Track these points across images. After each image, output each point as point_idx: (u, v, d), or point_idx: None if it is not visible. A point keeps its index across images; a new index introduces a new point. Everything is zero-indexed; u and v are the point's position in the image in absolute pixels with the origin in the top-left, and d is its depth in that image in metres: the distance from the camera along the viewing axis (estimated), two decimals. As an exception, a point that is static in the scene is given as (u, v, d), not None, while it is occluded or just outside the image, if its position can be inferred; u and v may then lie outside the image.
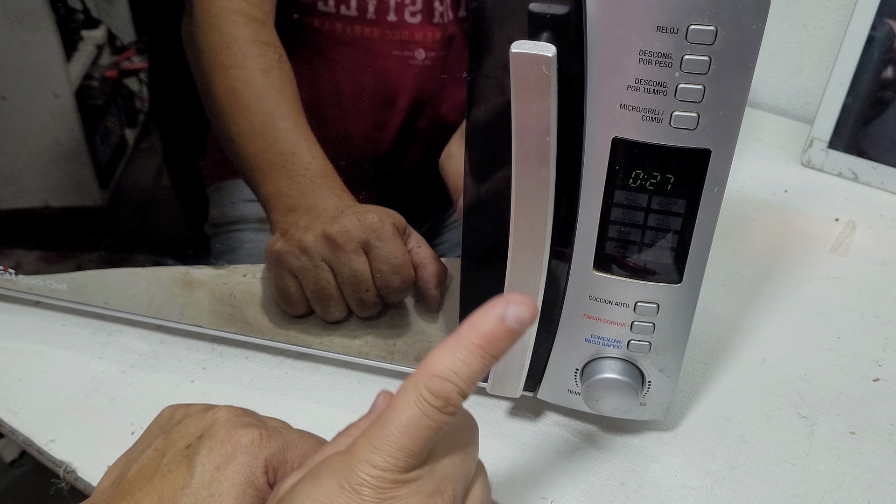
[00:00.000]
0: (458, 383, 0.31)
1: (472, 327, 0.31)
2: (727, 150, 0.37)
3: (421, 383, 0.31)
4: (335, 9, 0.40)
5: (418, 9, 0.39)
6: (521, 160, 0.37)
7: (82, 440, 0.50)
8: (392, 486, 0.31)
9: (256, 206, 0.47)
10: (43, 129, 0.49)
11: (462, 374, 0.30)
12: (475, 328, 0.31)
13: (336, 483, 0.31)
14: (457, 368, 0.30)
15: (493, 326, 0.31)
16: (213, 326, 0.53)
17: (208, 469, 0.38)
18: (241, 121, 0.44)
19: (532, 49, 0.34)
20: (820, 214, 0.72)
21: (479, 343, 0.30)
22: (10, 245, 0.55)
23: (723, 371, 0.56)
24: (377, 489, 0.30)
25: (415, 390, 0.31)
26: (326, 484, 0.31)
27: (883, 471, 0.49)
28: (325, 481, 0.31)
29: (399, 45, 0.40)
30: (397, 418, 0.31)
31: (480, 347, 0.31)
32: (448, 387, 0.30)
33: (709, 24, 0.34)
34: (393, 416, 0.31)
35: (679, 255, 0.41)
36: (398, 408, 0.31)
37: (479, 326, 0.31)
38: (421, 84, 0.41)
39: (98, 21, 0.46)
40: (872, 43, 0.72)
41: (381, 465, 0.30)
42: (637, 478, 0.48)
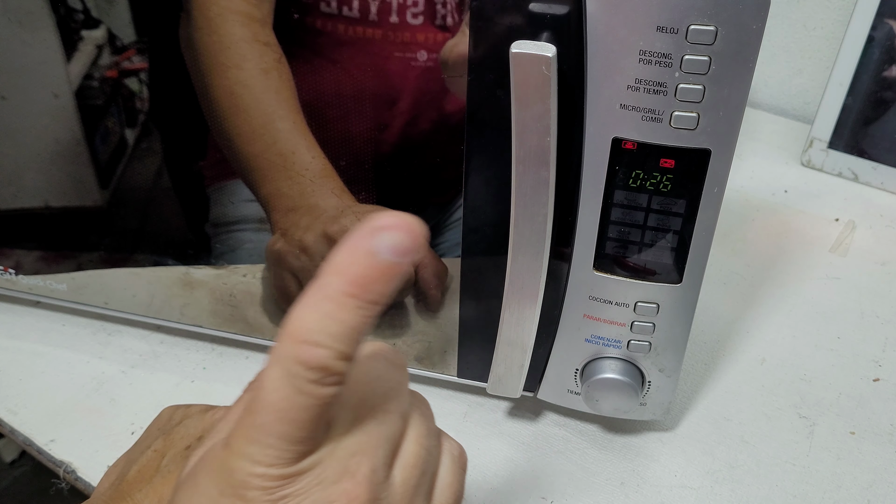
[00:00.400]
0: (333, 345, 0.24)
1: (334, 271, 0.24)
2: (727, 150, 0.37)
3: (287, 354, 0.24)
4: (337, 10, 0.40)
5: (420, 10, 0.39)
6: (521, 160, 0.37)
7: (82, 440, 0.50)
8: (282, 483, 0.25)
9: (257, 207, 0.47)
10: (43, 129, 0.49)
11: (335, 333, 0.24)
12: (339, 272, 0.24)
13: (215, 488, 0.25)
14: (326, 327, 0.24)
15: (363, 266, 0.24)
16: (213, 326, 0.53)
17: (208, 469, 0.38)
18: (241, 122, 0.44)
19: (532, 49, 0.34)
20: (820, 214, 0.72)
21: (349, 290, 0.24)
22: (10, 245, 0.55)
23: (723, 371, 0.56)
24: (264, 490, 0.24)
25: (281, 365, 0.24)
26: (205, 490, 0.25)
27: (883, 471, 0.49)
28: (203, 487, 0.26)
29: (401, 47, 0.40)
30: (267, 402, 0.24)
31: (351, 296, 0.24)
32: (320, 353, 0.24)
33: (709, 24, 0.34)
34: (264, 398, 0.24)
35: (679, 255, 0.41)
36: (267, 388, 0.24)
37: (344, 269, 0.24)
38: (422, 85, 0.41)
39: (98, 21, 0.46)
40: (872, 43, 0.72)
41: (263, 461, 0.25)
42: (637, 478, 0.48)
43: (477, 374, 0.49)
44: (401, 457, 0.28)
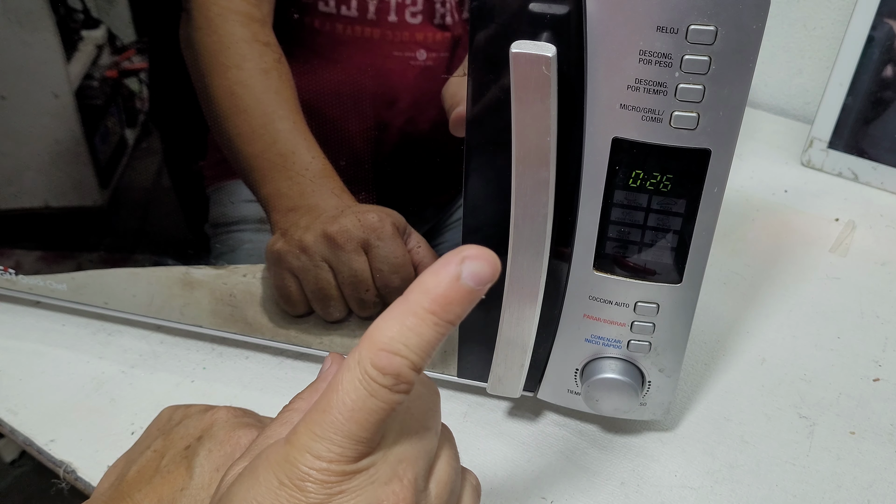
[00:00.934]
0: (409, 356, 0.26)
1: (421, 290, 0.27)
2: (727, 150, 0.37)
3: (366, 359, 0.26)
4: (336, 9, 0.40)
5: (419, 9, 0.39)
6: (521, 160, 0.37)
7: (82, 440, 0.50)
8: (340, 479, 0.27)
9: (256, 207, 0.47)
10: (43, 129, 0.49)
11: (412, 345, 0.26)
12: (425, 291, 0.26)
13: (276, 479, 0.27)
14: (406, 339, 0.26)
15: (447, 288, 0.26)
16: (213, 326, 0.53)
17: (207, 470, 0.38)
18: (241, 122, 0.44)
19: (532, 49, 0.34)
20: (820, 214, 0.72)
21: (431, 308, 0.26)
22: (10, 245, 0.55)
23: (723, 371, 0.56)
24: (323, 483, 0.26)
25: (359, 368, 0.26)
26: (265, 481, 0.27)
27: (883, 471, 0.49)
28: (263, 477, 0.27)
29: (400, 46, 0.40)
30: (341, 401, 0.26)
31: (432, 313, 0.26)
32: (397, 361, 0.26)
33: (709, 24, 0.34)
34: (336, 398, 0.26)
35: (679, 255, 0.41)
36: (342, 389, 0.27)
37: (431, 289, 0.26)
38: (422, 85, 0.41)
39: (98, 21, 0.46)
40: (872, 43, 0.72)
41: (326, 456, 0.26)
42: (637, 478, 0.48)
43: (477, 374, 0.49)
44: (435, 473, 0.30)
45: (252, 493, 0.27)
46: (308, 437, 0.27)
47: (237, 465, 0.31)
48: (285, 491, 0.26)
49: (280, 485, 0.27)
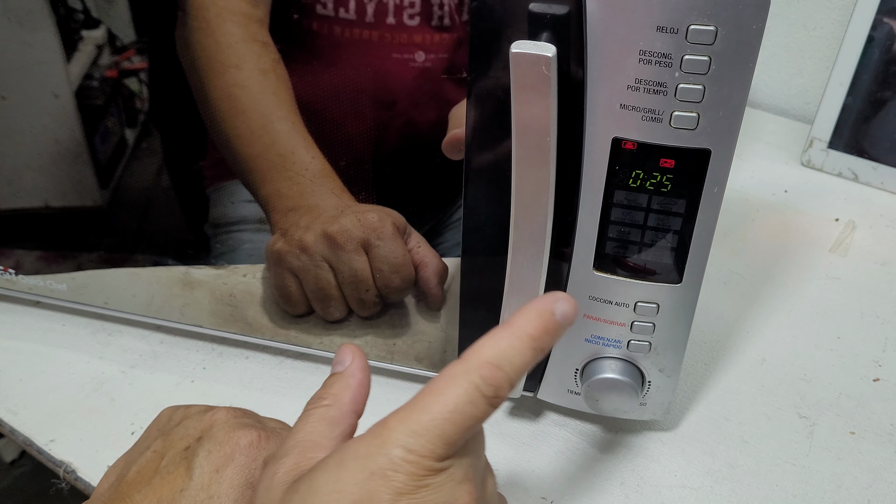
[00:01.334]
0: (510, 373, 0.30)
1: (525, 318, 0.30)
2: (727, 150, 0.37)
3: (474, 370, 0.29)
4: (334, 12, 0.40)
5: (417, 11, 0.39)
6: (521, 160, 0.37)
7: (82, 440, 0.50)
8: (427, 475, 0.29)
9: (256, 207, 0.47)
10: (43, 129, 0.49)
11: (514, 364, 0.30)
12: (528, 319, 0.30)
13: (366, 470, 0.29)
14: (510, 358, 0.30)
15: (546, 319, 0.30)
16: (213, 326, 0.53)
17: (207, 471, 0.38)
18: (239, 124, 0.44)
19: (532, 49, 0.34)
20: (820, 214, 0.72)
21: (533, 334, 0.30)
22: (10, 245, 0.55)
23: (723, 371, 0.56)
24: (412, 476, 0.28)
25: (466, 377, 0.29)
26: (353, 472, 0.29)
27: (883, 471, 0.49)
28: (352, 469, 0.29)
29: (398, 48, 0.40)
30: (442, 403, 0.29)
31: (532, 338, 0.30)
32: (500, 375, 0.29)
33: (709, 24, 0.34)
34: (437, 400, 0.29)
35: (679, 255, 0.41)
36: (444, 392, 0.29)
37: (532, 318, 0.30)
38: (421, 86, 0.41)
39: (98, 21, 0.46)
40: (872, 43, 0.72)
41: (419, 452, 0.29)
42: (637, 478, 0.48)
43: (477, 374, 0.49)
44: (486, 487, 0.34)
45: (340, 485, 0.28)
46: (404, 433, 0.29)
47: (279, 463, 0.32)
48: (374, 481, 0.28)
49: (370, 475, 0.28)
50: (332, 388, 0.35)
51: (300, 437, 0.33)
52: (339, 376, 0.35)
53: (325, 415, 0.34)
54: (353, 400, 0.34)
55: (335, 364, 0.36)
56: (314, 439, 0.33)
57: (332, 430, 0.33)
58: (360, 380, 0.35)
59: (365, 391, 0.35)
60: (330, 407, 0.34)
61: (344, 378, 0.35)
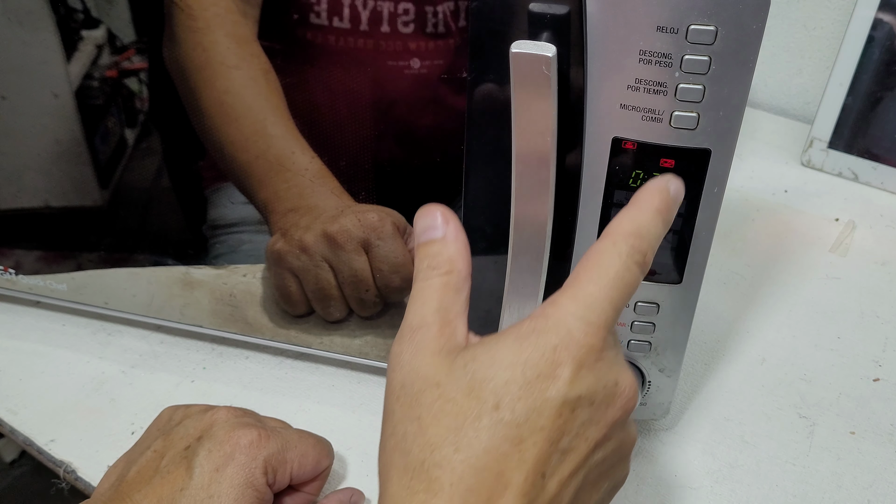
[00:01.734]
0: (651, 241, 0.32)
1: (647, 195, 0.32)
2: (727, 150, 0.37)
3: (620, 241, 0.31)
4: (328, 21, 0.40)
5: (411, 18, 0.39)
6: (521, 160, 0.37)
7: (82, 440, 0.50)
8: (603, 347, 0.30)
9: (255, 209, 0.47)
10: (43, 129, 0.49)
11: (652, 233, 0.32)
12: (650, 196, 0.32)
13: (548, 344, 0.29)
14: (648, 228, 0.32)
15: (665, 195, 0.32)
16: (213, 326, 0.53)
17: (207, 470, 0.38)
18: (233, 131, 0.44)
19: (532, 49, 0.34)
20: (820, 214, 0.72)
21: (659, 207, 0.32)
22: (10, 245, 0.55)
23: (723, 371, 0.56)
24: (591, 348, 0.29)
25: (615, 248, 0.31)
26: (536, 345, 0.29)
27: (883, 471, 0.49)
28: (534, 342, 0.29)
29: (393, 55, 0.40)
30: (605, 274, 0.30)
31: (659, 211, 0.32)
32: (644, 243, 0.31)
33: (709, 24, 0.34)
34: (598, 273, 0.31)
35: (679, 255, 0.41)
36: (602, 264, 0.31)
37: (654, 194, 0.32)
38: (418, 92, 0.41)
39: (98, 21, 0.46)
40: (872, 43, 0.72)
41: (596, 321, 0.30)
42: (637, 478, 0.48)
43: (477, 374, 0.49)
44: None
45: (524, 357, 0.29)
46: (578, 306, 0.30)
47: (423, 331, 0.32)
48: (559, 353, 0.29)
49: (553, 349, 0.29)
50: (441, 256, 0.33)
51: (434, 305, 0.32)
52: (443, 242, 0.34)
53: (449, 282, 0.33)
54: (467, 263, 0.34)
55: (428, 229, 0.34)
56: (448, 307, 0.32)
57: (459, 296, 0.33)
58: (465, 241, 0.34)
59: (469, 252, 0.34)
60: (450, 274, 0.33)
61: (451, 243, 0.34)
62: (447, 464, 0.28)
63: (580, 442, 0.30)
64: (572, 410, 0.29)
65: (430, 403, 0.30)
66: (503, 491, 0.28)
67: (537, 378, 0.29)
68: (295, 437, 0.42)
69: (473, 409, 0.29)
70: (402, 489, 0.29)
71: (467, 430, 0.28)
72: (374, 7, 0.39)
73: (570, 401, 0.29)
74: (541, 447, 0.28)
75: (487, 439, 0.28)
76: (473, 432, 0.28)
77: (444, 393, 0.29)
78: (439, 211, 0.34)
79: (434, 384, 0.30)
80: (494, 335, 0.31)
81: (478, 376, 0.29)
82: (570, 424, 0.29)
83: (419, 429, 0.29)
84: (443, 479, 0.28)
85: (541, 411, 0.29)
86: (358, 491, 0.46)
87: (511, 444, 0.28)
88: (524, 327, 0.30)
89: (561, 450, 0.29)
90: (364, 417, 0.52)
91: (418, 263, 0.34)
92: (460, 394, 0.29)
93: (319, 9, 0.40)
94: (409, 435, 0.29)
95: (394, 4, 0.39)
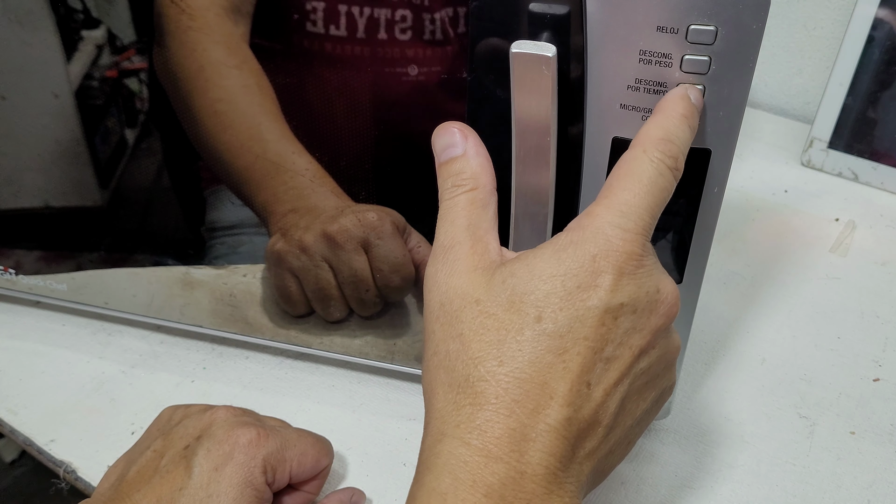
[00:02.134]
0: (680, 146, 0.32)
1: (671, 103, 0.33)
2: (727, 150, 0.37)
3: (651, 148, 0.31)
4: (324, 29, 0.40)
5: (408, 25, 0.39)
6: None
7: (82, 440, 0.50)
8: (643, 254, 0.30)
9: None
10: (43, 129, 0.49)
11: (681, 138, 0.32)
12: (675, 103, 0.33)
13: (587, 254, 0.29)
14: (676, 133, 0.32)
15: (687, 102, 0.33)
16: (213, 326, 0.53)
17: (206, 470, 0.38)
18: (228, 138, 0.44)
19: (532, 49, 0.34)
20: (820, 214, 0.72)
21: (684, 113, 0.33)
22: (10, 245, 0.55)
23: (723, 371, 0.56)
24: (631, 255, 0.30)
25: (646, 154, 0.31)
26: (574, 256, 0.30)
27: (883, 471, 0.49)
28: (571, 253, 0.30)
29: (391, 63, 0.40)
30: (638, 181, 0.31)
31: (685, 117, 0.32)
32: (674, 147, 0.32)
33: (709, 24, 0.34)
34: (632, 180, 0.31)
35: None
36: (635, 172, 0.31)
37: (678, 101, 0.33)
38: (416, 99, 0.41)
39: (98, 21, 0.45)
40: (872, 43, 0.72)
41: (633, 228, 0.30)
42: (637, 478, 0.48)
43: (477, 374, 0.49)
44: None
45: (563, 268, 0.29)
46: (614, 215, 0.30)
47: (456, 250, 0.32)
48: (598, 262, 0.29)
49: (593, 258, 0.29)
50: (464, 173, 0.34)
51: (464, 223, 0.33)
52: (464, 158, 0.34)
53: (475, 198, 0.33)
54: (491, 178, 0.34)
55: (448, 147, 0.34)
56: (477, 223, 0.33)
57: (486, 211, 0.33)
58: (487, 155, 0.34)
59: (492, 165, 0.34)
60: (476, 190, 0.33)
61: (473, 158, 0.34)
62: (492, 377, 0.28)
63: (624, 350, 0.30)
64: (615, 319, 0.29)
65: (470, 320, 0.30)
66: (549, 401, 0.28)
67: (578, 288, 0.29)
68: (294, 436, 0.42)
69: (515, 322, 0.29)
70: (448, 404, 0.29)
71: (510, 343, 0.29)
72: (371, 14, 0.39)
73: (613, 309, 0.29)
74: (584, 356, 0.29)
75: (531, 351, 0.29)
76: (516, 345, 0.29)
77: (485, 309, 0.30)
78: (456, 127, 0.34)
79: (473, 301, 0.30)
80: (531, 250, 0.31)
81: (518, 290, 0.29)
82: (613, 333, 0.29)
83: (462, 345, 0.29)
84: (488, 392, 0.28)
85: (583, 320, 0.29)
86: (359, 490, 0.46)
87: (554, 354, 0.28)
88: (561, 240, 0.30)
89: (605, 358, 0.29)
90: (364, 417, 0.52)
91: (442, 183, 0.34)
92: (501, 308, 0.29)
93: (316, 17, 0.39)
94: (452, 352, 0.30)
95: (391, 11, 0.39)
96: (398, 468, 0.48)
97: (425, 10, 0.38)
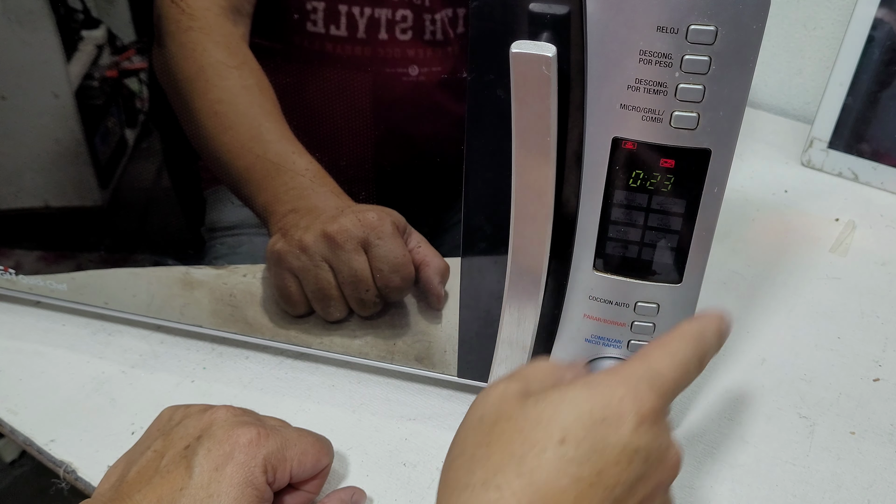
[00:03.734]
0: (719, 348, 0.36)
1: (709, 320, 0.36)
2: (727, 150, 0.37)
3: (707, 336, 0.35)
4: (324, 29, 0.40)
5: (409, 26, 0.39)
6: (521, 160, 0.37)
7: (82, 440, 0.50)
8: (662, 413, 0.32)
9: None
10: (43, 129, 0.49)
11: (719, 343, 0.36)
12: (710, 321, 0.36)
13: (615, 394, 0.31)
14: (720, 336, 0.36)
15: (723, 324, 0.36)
16: (213, 326, 0.53)
17: (207, 469, 0.38)
18: (228, 139, 0.44)
19: (532, 49, 0.34)
20: (820, 214, 0.72)
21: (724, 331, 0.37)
22: (10, 245, 0.55)
23: (723, 371, 0.56)
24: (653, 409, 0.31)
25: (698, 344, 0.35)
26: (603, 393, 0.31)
27: (883, 471, 0.49)
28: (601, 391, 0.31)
29: (391, 63, 0.40)
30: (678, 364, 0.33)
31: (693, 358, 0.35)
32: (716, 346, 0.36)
33: (709, 24, 0.34)
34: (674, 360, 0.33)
35: (679, 255, 0.41)
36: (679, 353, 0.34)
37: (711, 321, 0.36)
38: (416, 99, 0.41)
39: (98, 21, 0.45)
40: (872, 43, 0.72)
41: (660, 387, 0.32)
42: (637, 478, 0.48)
43: (477, 374, 0.49)
44: None
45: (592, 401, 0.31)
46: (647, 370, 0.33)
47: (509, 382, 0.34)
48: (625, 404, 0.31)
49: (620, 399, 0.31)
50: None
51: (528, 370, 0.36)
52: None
53: None
54: None
55: None
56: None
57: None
58: None
59: None
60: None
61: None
62: (507, 486, 0.30)
63: (629, 496, 0.31)
64: (630, 461, 0.30)
65: (500, 433, 0.32)
66: None
67: (603, 422, 0.31)
68: (294, 436, 0.42)
69: (540, 440, 0.31)
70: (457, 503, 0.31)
71: (531, 459, 0.30)
72: (372, 14, 0.39)
73: (629, 451, 0.30)
74: (598, 492, 0.30)
75: (549, 471, 0.30)
76: (536, 462, 0.30)
77: (515, 424, 0.32)
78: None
79: (507, 417, 0.32)
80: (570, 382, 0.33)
81: (547, 412, 0.31)
82: (625, 475, 0.30)
83: (486, 453, 0.31)
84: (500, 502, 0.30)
85: (602, 454, 0.30)
86: (359, 490, 0.46)
87: (571, 480, 0.30)
88: (595, 377, 0.33)
89: (614, 498, 0.30)
90: (364, 417, 0.52)
91: None
92: (528, 425, 0.31)
93: (316, 17, 0.39)
94: (477, 457, 0.31)
95: (391, 12, 0.39)
96: (398, 468, 0.48)
97: (426, 10, 0.38)
